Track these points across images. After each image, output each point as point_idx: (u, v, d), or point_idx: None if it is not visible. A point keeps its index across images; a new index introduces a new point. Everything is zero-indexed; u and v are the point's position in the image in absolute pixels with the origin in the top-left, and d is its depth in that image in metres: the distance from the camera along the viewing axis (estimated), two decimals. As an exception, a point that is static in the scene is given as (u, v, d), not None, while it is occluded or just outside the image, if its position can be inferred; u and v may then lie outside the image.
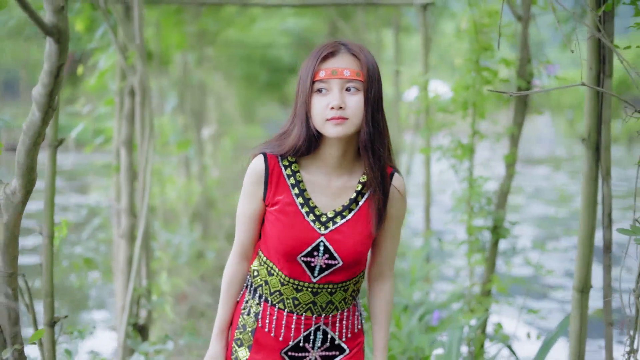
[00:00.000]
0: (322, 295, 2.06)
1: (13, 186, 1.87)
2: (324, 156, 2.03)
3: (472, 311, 3.71)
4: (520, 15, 3.70)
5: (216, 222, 8.31)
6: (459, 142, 3.75)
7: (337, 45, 1.98)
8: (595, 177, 2.93)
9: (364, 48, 2.01)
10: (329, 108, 1.92)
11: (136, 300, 3.84)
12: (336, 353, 2.14)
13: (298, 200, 2.02)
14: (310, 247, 2.01)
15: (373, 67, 1.97)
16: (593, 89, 2.80)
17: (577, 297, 2.99)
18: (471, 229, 3.77)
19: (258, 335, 2.10)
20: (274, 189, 2.03)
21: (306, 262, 2.02)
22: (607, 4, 2.75)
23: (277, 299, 2.08)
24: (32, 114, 1.72)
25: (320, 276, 2.04)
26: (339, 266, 2.03)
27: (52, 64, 1.60)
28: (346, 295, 2.11)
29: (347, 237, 2.02)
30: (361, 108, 1.93)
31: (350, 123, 1.92)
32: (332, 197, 2.05)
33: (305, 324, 2.08)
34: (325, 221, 2.03)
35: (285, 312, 2.07)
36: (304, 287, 2.05)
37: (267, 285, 2.09)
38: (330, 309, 2.09)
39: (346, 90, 1.93)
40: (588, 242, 2.97)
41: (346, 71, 1.93)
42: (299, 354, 2.11)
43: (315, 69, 1.95)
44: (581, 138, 2.96)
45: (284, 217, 2.01)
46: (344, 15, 8.96)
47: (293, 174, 2.04)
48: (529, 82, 3.72)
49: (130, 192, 3.92)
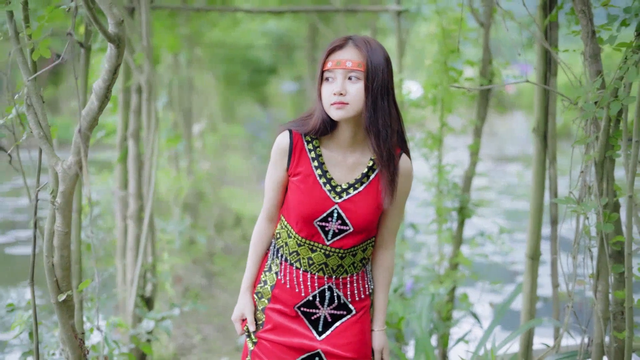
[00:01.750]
0: (333, 258, 2.33)
1: (69, 162, 2.34)
2: (339, 135, 2.31)
3: (441, 282, 4.23)
4: (482, 22, 4.21)
5: (205, 213, 8.82)
6: (429, 133, 4.27)
7: (345, 40, 2.25)
8: (543, 161, 3.46)
9: (373, 42, 2.26)
10: (332, 94, 2.21)
11: (143, 274, 4.30)
12: (344, 312, 2.38)
13: (317, 172, 2.32)
14: (325, 213, 2.30)
15: (377, 59, 2.21)
16: (539, 86, 3.33)
17: (528, 263, 3.52)
18: (440, 210, 4.29)
19: (277, 290, 2.38)
20: (297, 161, 2.32)
21: (321, 226, 2.31)
22: (551, 15, 3.28)
23: (295, 259, 2.36)
24: (91, 102, 2.19)
25: (333, 240, 2.32)
26: (349, 232, 2.31)
27: (112, 64, 2.08)
28: (355, 260, 2.37)
29: (358, 207, 2.30)
30: (361, 95, 2.20)
31: (350, 108, 2.20)
32: (347, 171, 2.33)
33: (319, 283, 2.35)
34: (340, 191, 2.31)
35: (301, 271, 2.35)
36: (318, 248, 2.33)
37: (286, 247, 2.38)
38: (340, 272, 2.35)
39: (349, 79, 2.21)
40: (537, 216, 3.50)
41: (348, 62, 2.20)
42: (310, 309, 2.37)
43: (324, 60, 2.26)
44: (532, 129, 3.49)
45: (303, 186, 2.31)
46: (324, 18, 9.44)
47: (314, 149, 2.33)
48: (490, 80, 4.24)
49: (138, 179, 4.38)
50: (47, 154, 2.38)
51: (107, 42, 2.11)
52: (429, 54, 4.64)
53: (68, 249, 2.45)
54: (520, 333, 3.43)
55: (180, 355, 4.76)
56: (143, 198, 4.39)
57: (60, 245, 2.42)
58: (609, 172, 2.67)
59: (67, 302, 2.48)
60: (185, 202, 7.92)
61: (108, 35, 2.01)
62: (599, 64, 2.69)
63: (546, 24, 3.31)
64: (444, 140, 4.35)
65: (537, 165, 3.46)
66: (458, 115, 4.48)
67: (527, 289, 3.51)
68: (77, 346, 2.52)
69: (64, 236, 2.41)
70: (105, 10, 2.00)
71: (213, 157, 10.57)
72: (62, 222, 2.39)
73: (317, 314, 2.38)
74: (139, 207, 4.37)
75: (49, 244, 2.45)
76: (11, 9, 2.30)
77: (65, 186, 2.36)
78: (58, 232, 2.41)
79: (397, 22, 5.32)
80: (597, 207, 2.63)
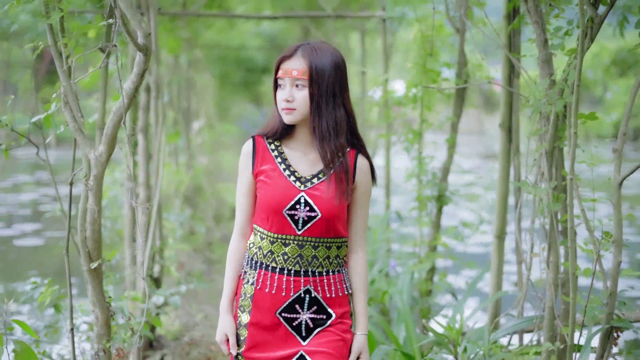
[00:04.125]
0: (307, 249, 2.42)
1: (100, 150, 2.78)
2: (297, 136, 2.48)
3: (421, 262, 4.70)
4: (457, 28, 4.68)
5: (203, 205, 9.32)
6: (410, 128, 4.74)
7: (294, 50, 2.40)
8: (508, 151, 3.93)
9: (322, 50, 2.40)
10: (282, 100, 2.39)
11: (152, 256, 4.75)
12: (323, 317, 2.45)
13: (281, 166, 2.45)
14: (293, 200, 2.40)
15: (322, 67, 2.36)
16: (503, 87, 3.79)
17: (495, 242, 3.99)
18: (420, 197, 4.75)
19: (256, 299, 2.45)
20: (260, 161, 2.47)
21: (290, 215, 2.40)
22: (513, 24, 3.74)
23: (270, 259, 2.44)
24: (121, 100, 2.64)
25: (304, 229, 2.41)
26: (318, 218, 2.40)
27: (140, 69, 2.52)
28: (329, 255, 2.45)
29: (323, 193, 2.40)
30: (306, 101, 2.37)
31: (298, 113, 2.38)
32: (309, 165, 2.47)
33: (295, 285, 2.42)
34: (305, 181, 2.43)
35: (276, 274, 2.42)
36: (290, 240, 2.41)
37: (260, 251, 2.46)
38: (316, 265, 2.43)
39: (296, 86, 2.37)
40: (503, 201, 3.97)
41: (294, 71, 2.36)
42: (291, 314, 2.43)
43: (276, 69, 2.42)
44: (498, 124, 3.95)
45: (270, 180, 2.44)
46: (315, 21, 9.90)
47: (276, 148, 2.49)
48: (465, 81, 4.70)
49: (146, 169, 4.83)
50: (82, 144, 2.83)
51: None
52: (411, 57, 5.10)
53: (98, 225, 2.90)
54: (490, 303, 3.89)
55: (185, 330, 5.23)
56: (151, 188, 4.84)
57: (92, 221, 2.87)
58: (557, 160, 3.13)
59: (97, 270, 2.93)
60: (185, 195, 8.39)
61: (138, 45, 2.46)
62: (551, 67, 3.14)
63: (509, 32, 3.77)
64: (424, 135, 4.81)
65: (502, 156, 3.92)
66: (436, 112, 4.95)
67: (495, 265, 3.97)
68: (106, 308, 2.97)
69: (95, 214, 2.86)
70: (135, 25, 2.45)
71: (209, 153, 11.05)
72: (93, 201, 2.83)
73: (299, 319, 2.44)
74: (148, 195, 4.82)
75: (82, 220, 2.90)
76: (50, 22, 2.74)
77: (97, 170, 2.81)
78: (90, 210, 2.86)
79: (383, 27, 5.79)
80: (548, 190, 3.09)
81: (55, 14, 2.73)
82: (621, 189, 2.71)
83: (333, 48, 2.44)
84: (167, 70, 8.55)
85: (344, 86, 2.42)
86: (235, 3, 10.38)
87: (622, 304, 2.82)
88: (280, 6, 9.17)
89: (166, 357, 4.66)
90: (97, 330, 2.98)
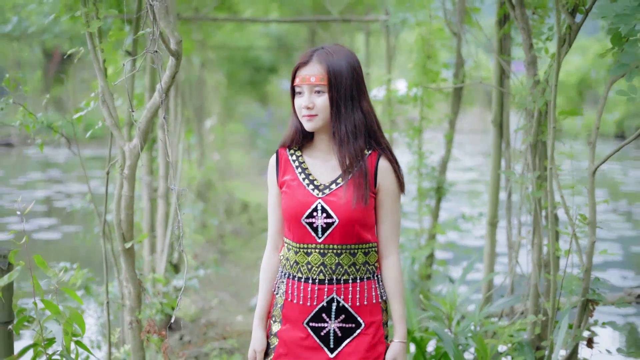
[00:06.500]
0: (329, 256, 2.39)
1: (134, 142, 3.15)
2: (318, 142, 2.47)
3: (421, 249, 5.06)
4: (455, 32, 5.04)
5: (215, 199, 9.73)
6: (411, 124, 5.11)
7: (310, 56, 2.39)
8: (499, 145, 4.29)
9: (337, 53, 2.39)
10: (302, 107, 2.38)
11: (171, 244, 5.13)
12: (352, 325, 2.42)
13: (300, 176, 2.45)
14: (310, 208, 2.39)
15: (339, 71, 2.34)
16: (495, 87, 4.15)
17: (488, 229, 4.35)
18: (420, 189, 5.12)
19: (285, 310, 2.45)
20: (283, 172, 2.48)
21: (309, 223, 2.39)
22: (504, 29, 4.10)
23: (296, 269, 2.44)
24: (154, 98, 3.01)
25: (324, 236, 2.38)
26: (337, 224, 2.36)
27: (172, 72, 2.89)
28: (355, 262, 2.41)
29: (340, 198, 2.37)
30: (326, 106, 2.35)
31: (319, 119, 2.37)
32: (329, 172, 2.44)
33: (320, 293, 2.40)
34: (323, 188, 2.41)
35: (302, 282, 2.41)
36: (312, 249, 2.40)
37: (288, 262, 2.47)
38: (341, 272, 2.40)
39: (315, 92, 2.36)
40: (495, 192, 4.33)
41: (312, 77, 2.35)
42: (318, 324, 2.42)
43: (293, 76, 2.42)
44: (491, 120, 4.31)
45: (289, 190, 2.44)
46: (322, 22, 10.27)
47: (297, 158, 2.49)
48: (462, 81, 5.06)
49: (166, 163, 5.20)
50: (117, 137, 3.20)
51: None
52: (412, 58, 5.47)
53: (132, 209, 3.27)
54: (483, 283, 4.25)
55: (202, 314, 5.62)
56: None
57: (126, 206, 3.24)
58: (540, 152, 3.49)
59: (130, 250, 3.31)
60: (197, 190, 8.77)
61: (171, 51, 2.83)
62: (536, 69, 3.50)
63: (500, 36, 4.13)
64: (424, 131, 5.18)
65: (494, 150, 4.28)
66: (436, 110, 5.31)
67: (488, 249, 4.34)
68: (138, 283, 3.34)
69: (129, 199, 3.23)
70: (169, 33, 2.81)
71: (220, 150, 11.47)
72: (128, 188, 3.20)
73: (326, 328, 2.42)
74: (167, 188, 5.19)
75: (118, 205, 3.27)
76: (91, 30, 3.13)
77: (131, 161, 3.18)
78: (125, 196, 3.23)
79: (386, 31, 6.17)
80: (532, 179, 3.46)
81: (95, 23, 3.12)
82: (594, 176, 3.07)
83: (348, 50, 2.44)
84: (181, 71, 8.93)
85: (361, 88, 2.40)
86: (244, 6, 10.77)
87: (596, 280, 3.18)
88: (287, 8, 9.55)
89: (185, 336, 5.04)
90: (129, 304, 3.35)
